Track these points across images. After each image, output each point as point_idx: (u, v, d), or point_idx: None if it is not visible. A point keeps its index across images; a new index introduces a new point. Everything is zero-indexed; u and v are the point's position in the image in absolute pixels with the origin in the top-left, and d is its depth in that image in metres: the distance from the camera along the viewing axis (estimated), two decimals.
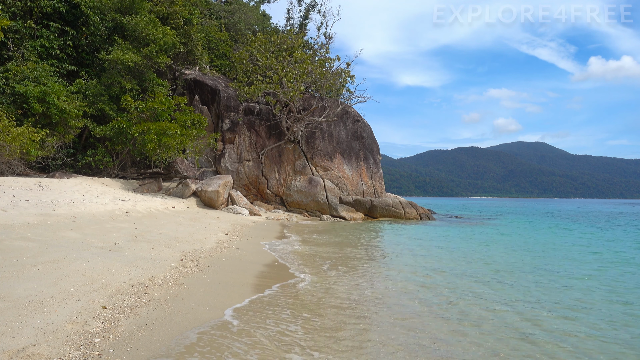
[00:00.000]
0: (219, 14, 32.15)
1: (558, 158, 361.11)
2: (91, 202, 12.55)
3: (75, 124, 17.83)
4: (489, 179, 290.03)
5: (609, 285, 8.04)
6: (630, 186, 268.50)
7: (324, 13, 35.46)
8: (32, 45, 18.27)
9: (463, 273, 8.81)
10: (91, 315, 4.27)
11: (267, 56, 25.39)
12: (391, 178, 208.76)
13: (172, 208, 16.05)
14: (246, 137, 24.21)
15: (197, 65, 25.90)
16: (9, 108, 16.13)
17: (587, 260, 11.26)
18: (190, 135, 19.52)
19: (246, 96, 23.99)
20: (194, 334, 4.32)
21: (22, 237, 7.23)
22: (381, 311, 5.82)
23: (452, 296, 6.79)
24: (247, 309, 5.43)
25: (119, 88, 19.51)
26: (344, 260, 9.74)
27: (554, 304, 6.51)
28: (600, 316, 5.93)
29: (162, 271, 6.50)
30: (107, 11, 20.79)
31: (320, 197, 23.71)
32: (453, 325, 5.33)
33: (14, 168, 15.45)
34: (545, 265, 10.09)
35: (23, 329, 3.69)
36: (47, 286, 4.85)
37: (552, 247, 14.24)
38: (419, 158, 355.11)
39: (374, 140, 28.19)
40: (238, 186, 23.59)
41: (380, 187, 27.30)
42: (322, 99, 25.87)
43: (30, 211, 9.59)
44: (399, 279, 7.98)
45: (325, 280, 7.46)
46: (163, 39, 20.61)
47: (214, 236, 11.17)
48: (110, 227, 9.78)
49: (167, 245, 8.77)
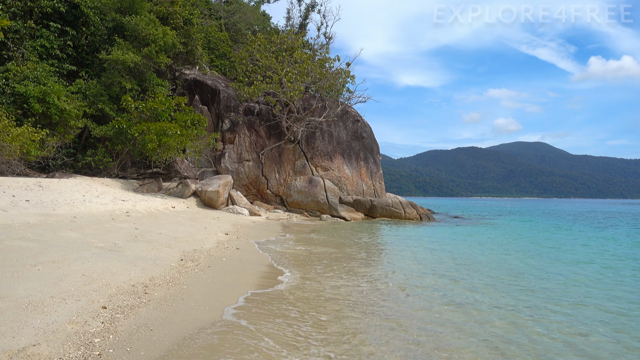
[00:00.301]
0: (219, 14, 32.16)
1: (558, 158, 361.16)
2: (91, 202, 12.55)
3: (75, 124, 17.83)
4: (489, 179, 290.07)
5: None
6: (630, 186, 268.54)
7: (324, 13, 35.53)
8: (32, 45, 18.28)
9: (463, 274, 8.81)
10: (91, 315, 4.27)
11: (267, 56, 25.39)
12: (391, 178, 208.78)
13: (172, 208, 16.05)
14: (246, 137, 24.21)
15: (197, 65, 25.90)
16: (9, 108, 16.13)
17: (594, 262, 11.26)
18: (190, 135, 19.52)
19: (246, 96, 23.99)
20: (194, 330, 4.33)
21: (22, 237, 7.23)
22: (378, 311, 5.83)
23: (452, 299, 6.79)
24: (246, 308, 5.43)
25: (119, 88, 19.51)
26: (342, 261, 9.74)
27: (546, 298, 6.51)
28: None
29: (162, 271, 6.50)
30: (107, 11, 20.79)
31: (320, 197, 23.71)
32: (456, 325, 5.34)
33: (14, 168, 15.45)
34: (539, 264, 10.10)
35: (23, 329, 3.69)
36: (47, 286, 4.86)
37: (551, 247, 14.25)
38: (419, 158, 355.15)
39: (374, 140, 28.19)
40: (238, 186, 23.59)
41: (380, 187, 27.30)
42: (322, 99, 25.87)
43: (30, 211, 9.60)
44: (397, 278, 7.98)
45: (324, 281, 7.46)
46: (163, 39, 20.61)
47: (214, 236, 11.18)
48: (110, 227, 9.79)
49: (167, 245, 8.77)
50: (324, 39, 30.38)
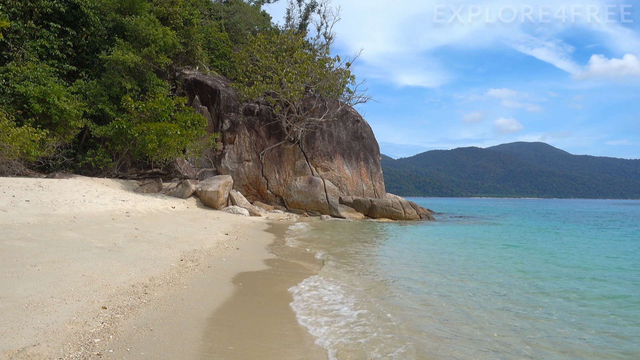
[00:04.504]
0: (219, 14, 32.17)
1: (558, 158, 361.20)
2: (91, 203, 12.55)
3: (75, 124, 17.83)
4: (489, 179, 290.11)
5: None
6: (630, 186, 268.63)
7: (324, 13, 35.44)
8: (32, 46, 18.28)
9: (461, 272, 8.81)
10: (91, 316, 4.27)
11: (267, 56, 25.40)
12: (391, 178, 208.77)
13: (172, 208, 16.05)
14: (246, 137, 24.21)
15: (197, 66, 25.90)
16: (9, 108, 16.13)
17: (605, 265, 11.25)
18: (190, 136, 19.52)
19: (246, 96, 23.99)
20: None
21: (22, 237, 7.23)
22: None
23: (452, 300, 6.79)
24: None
25: (119, 88, 19.51)
26: (342, 259, 9.74)
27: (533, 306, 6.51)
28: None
29: (162, 271, 6.50)
30: (107, 11, 20.80)
31: (320, 197, 23.71)
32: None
33: (14, 168, 15.45)
34: (532, 263, 10.10)
35: (23, 329, 3.69)
36: (47, 286, 4.85)
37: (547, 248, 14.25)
38: (419, 158, 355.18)
39: (374, 140, 28.19)
40: (238, 186, 23.59)
41: (380, 187, 27.30)
42: (322, 99, 25.87)
43: (30, 211, 9.59)
44: (395, 276, 7.98)
45: (322, 281, 7.46)
46: (163, 39, 20.61)
47: (214, 236, 11.17)
48: (110, 228, 9.78)
49: (167, 245, 8.77)
50: (324, 39, 30.44)
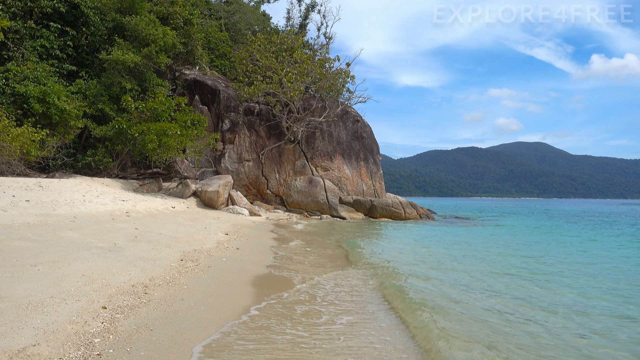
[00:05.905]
0: (219, 14, 32.16)
1: (558, 158, 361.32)
2: (91, 202, 12.55)
3: (75, 124, 17.83)
4: (489, 179, 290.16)
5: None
6: (630, 186, 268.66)
7: (324, 13, 35.40)
8: (32, 46, 18.27)
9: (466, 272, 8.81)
10: (91, 316, 4.27)
11: (267, 56, 25.39)
12: (391, 178, 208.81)
13: (172, 208, 16.05)
14: (246, 137, 24.21)
15: (197, 66, 25.89)
16: (9, 108, 16.12)
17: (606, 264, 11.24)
18: (190, 136, 19.51)
19: (246, 96, 23.98)
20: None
21: (22, 237, 7.22)
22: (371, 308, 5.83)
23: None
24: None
25: (119, 88, 19.51)
26: (341, 259, 9.74)
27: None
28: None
29: (162, 271, 6.50)
30: (107, 11, 20.79)
31: (320, 197, 23.71)
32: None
33: (14, 168, 15.44)
34: (528, 261, 10.10)
35: (23, 329, 3.69)
36: (47, 286, 4.85)
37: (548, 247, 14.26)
38: (419, 158, 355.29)
39: (374, 140, 28.19)
40: (238, 186, 23.59)
41: (380, 187, 27.30)
42: (322, 99, 25.87)
43: (30, 211, 9.59)
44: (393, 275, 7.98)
45: (322, 281, 7.46)
46: (163, 39, 20.60)
47: (214, 236, 11.17)
48: (110, 227, 9.78)
49: (167, 245, 8.77)
50: (324, 39, 30.41)
